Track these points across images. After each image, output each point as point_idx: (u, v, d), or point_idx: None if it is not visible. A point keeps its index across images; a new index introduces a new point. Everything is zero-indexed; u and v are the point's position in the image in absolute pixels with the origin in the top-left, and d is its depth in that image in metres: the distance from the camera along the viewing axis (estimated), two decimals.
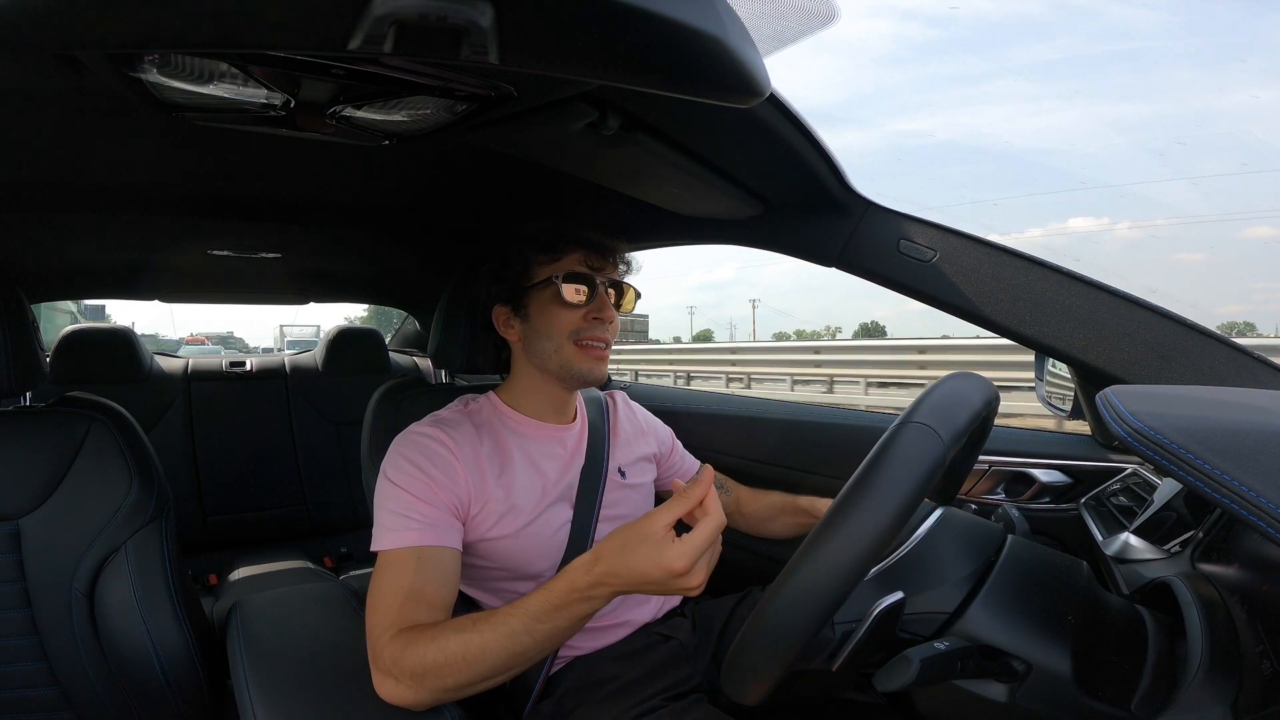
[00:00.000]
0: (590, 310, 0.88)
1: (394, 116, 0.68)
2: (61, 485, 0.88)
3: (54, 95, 0.67)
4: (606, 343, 0.90)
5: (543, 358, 0.90)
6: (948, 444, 0.49)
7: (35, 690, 0.88)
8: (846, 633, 0.53)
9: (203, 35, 0.40)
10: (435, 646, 0.65)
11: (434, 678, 0.65)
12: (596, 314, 0.88)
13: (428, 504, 0.77)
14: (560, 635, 0.66)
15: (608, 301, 0.90)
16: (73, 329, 1.97)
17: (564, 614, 0.64)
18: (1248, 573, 0.55)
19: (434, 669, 0.65)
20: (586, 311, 0.88)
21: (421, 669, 0.65)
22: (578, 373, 0.89)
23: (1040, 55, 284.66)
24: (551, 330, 0.88)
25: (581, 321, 0.88)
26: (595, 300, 0.88)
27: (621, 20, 0.40)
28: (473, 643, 0.65)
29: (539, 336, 0.89)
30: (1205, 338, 0.77)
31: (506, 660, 0.65)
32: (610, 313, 0.90)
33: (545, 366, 0.90)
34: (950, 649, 0.50)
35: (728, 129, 0.77)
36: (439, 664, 0.64)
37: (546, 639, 0.65)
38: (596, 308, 0.88)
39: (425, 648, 0.65)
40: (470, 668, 0.65)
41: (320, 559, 2.06)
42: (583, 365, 0.88)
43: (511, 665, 0.66)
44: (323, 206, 1.26)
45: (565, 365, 0.88)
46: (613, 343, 0.92)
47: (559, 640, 0.67)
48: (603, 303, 0.89)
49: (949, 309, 0.90)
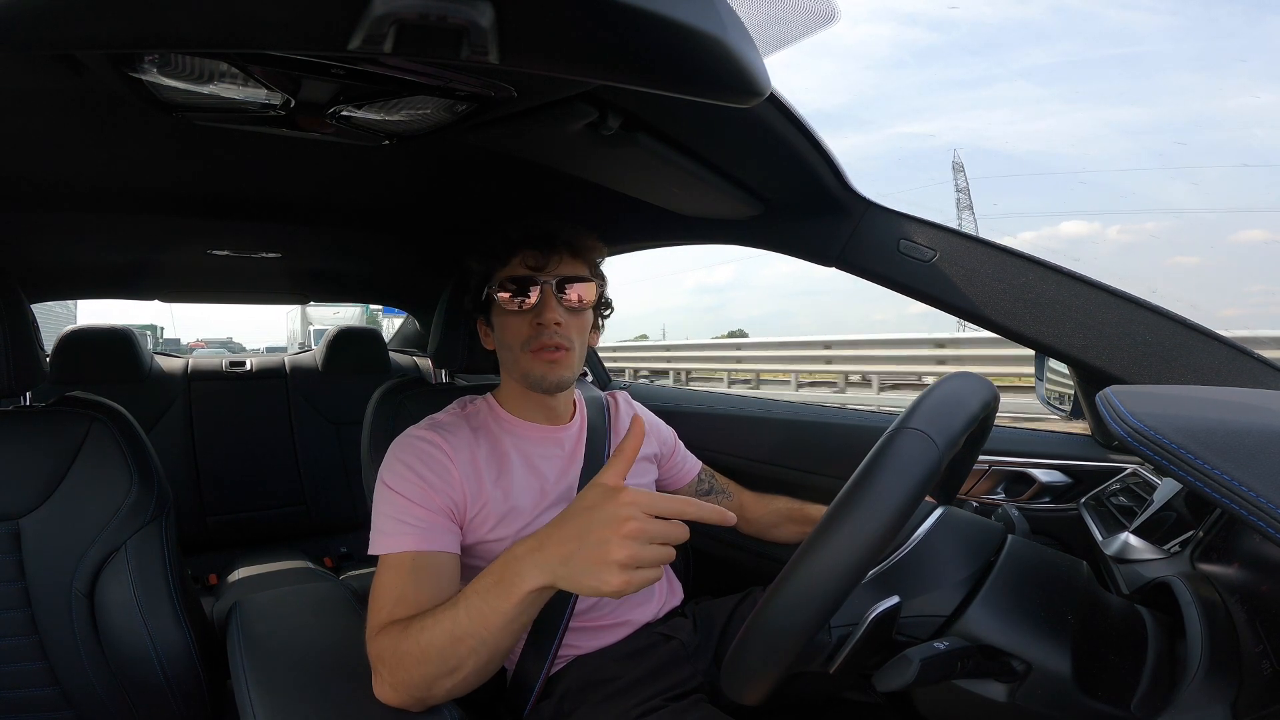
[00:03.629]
0: (533, 316, 0.85)
1: (394, 116, 0.68)
2: (62, 485, 0.88)
3: (54, 95, 0.67)
4: (559, 346, 0.85)
5: (509, 367, 0.90)
6: (942, 450, 0.49)
7: (35, 690, 0.88)
8: (843, 636, 0.53)
9: (203, 35, 0.40)
10: (405, 636, 0.65)
11: (405, 669, 0.64)
12: (538, 319, 0.85)
13: (424, 508, 0.77)
14: (499, 617, 0.61)
15: (551, 303, 0.85)
16: (73, 329, 1.97)
17: (500, 590, 0.60)
18: (1248, 573, 0.55)
19: (405, 658, 0.64)
20: (533, 317, 0.85)
21: (396, 661, 0.64)
22: (536, 379, 0.87)
23: (1039, 59, 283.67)
24: (506, 340, 0.87)
25: (529, 329, 0.85)
26: (537, 304, 0.85)
27: (621, 20, 0.40)
28: (426, 625, 0.64)
29: (502, 347, 0.90)
30: (1205, 338, 0.77)
31: (450, 643, 0.62)
32: (551, 314, 0.85)
33: (512, 375, 0.90)
34: (950, 649, 0.50)
35: (728, 129, 0.77)
36: (408, 652, 0.64)
37: (484, 619, 0.61)
38: (536, 312, 0.85)
39: (399, 640, 0.65)
40: (426, 654, 0.63)
41: (320, 559, 2.06)
42: (537, 371, 0.86)
43: (461, 651, 0.62)
44: (323, 206, 1.26)
45: (525, 374, 0.87)
46: (577, 341, 0.88)
47: (500, 624, 0.61)
48: (544, 305, 0.85)
49: (949, 309, 0.90)
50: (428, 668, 0.63)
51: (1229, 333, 0.77)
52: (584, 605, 0.90)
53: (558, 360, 0.86)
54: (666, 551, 0.57)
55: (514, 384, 0.92)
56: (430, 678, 0.63)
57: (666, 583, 1.05)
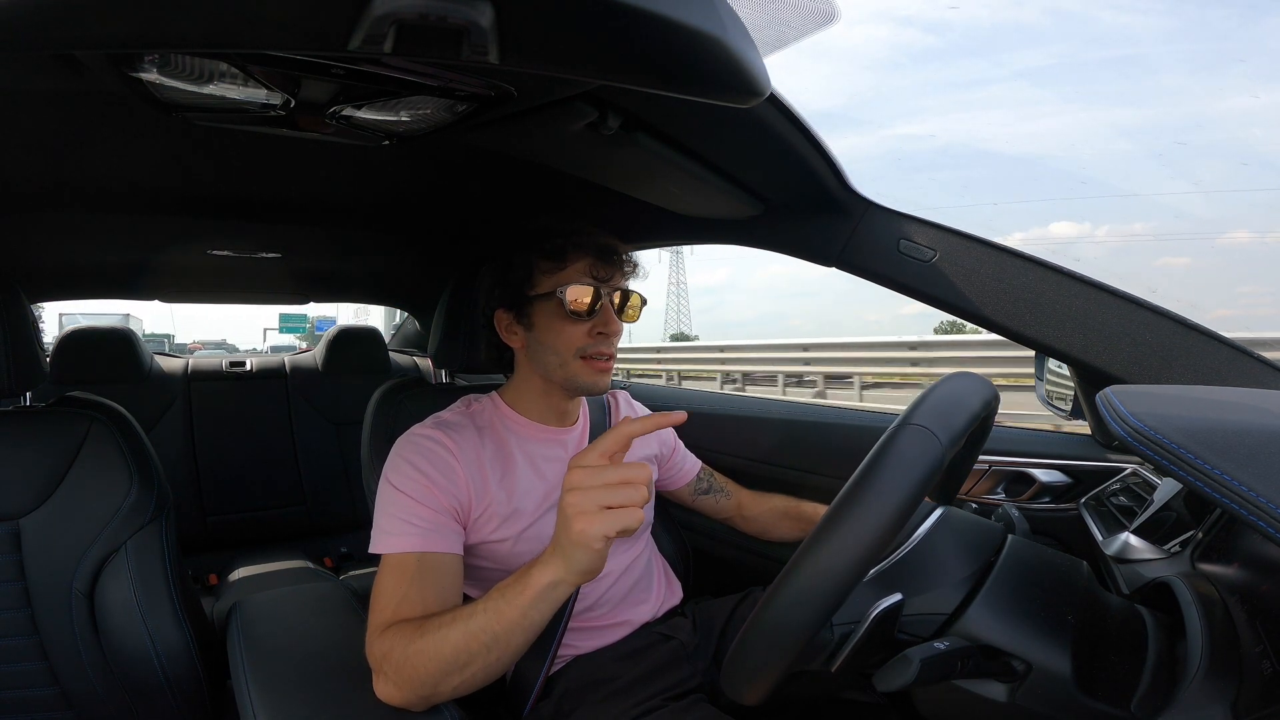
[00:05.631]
0: (596, 325, 0.85)
1: (394, 116, 0.68)
2: (61, 485, 0.88)
3: (54, 95, 0.67)
4: (611, 355, 0.87)
5: (547, 369, 0.88)
6: (946, 446, 0.49)
7: (35, 690, 0.88)
8: (845, 634, 0.53)
9: (203, 35, 0.40)
10: (419, 634, 0.65)
11: (413, 666, 0.64)
12: (602, 329, 0.85)
13: (428, 508, 0.77)
14: (514, 611, 0.63)
15: (614, 315, 0.86)
16: (73, 329, 1.97)
17: (517, 586, 0.63)
18: (1248, 573, 0.55)
19: (416, 655, 0.64)
20: (592, 326, 0.85)
21: (404, 659, 0.64)
22: (583, 386, 0.87)
23: (1035, 61, 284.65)
24: (557, 345, 0.85)
25: (587, 338, 0.85)
26: (600, 314, 0.85)
27: (621, 20, 0.40)
28: (443, 623, 0.65)
29: (544, 349, 0.87)
30: (1205, 338, 0.77)
31: (464, 638, 0.63)
32: (616, 326, 0.86)
33: (550, 377, 0.88)
34: (950, 649, 0.50)
35: (728, 129, 0.77)
36: (420, 650, 0.64)
37: (500, 614, 0.63)
38: (602, 322, 0.85)
39: (410, 639, 0.65)
40: (440, 650, 0.63)
41: (320, 559, 2.06)
42: (588, 379, 0.86)
43: (473, 647, 0.63)
44: (323, 206, 1.26)
45: (570, 379, 0.87)
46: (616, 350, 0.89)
47: (515, 617, 0.63)
48: (608, 317, 0.85)
49: (949, 309, 0.90)
50: (438, 664, 0.64)
51: (1229, 333, 0.77)
52: (583, 605, 0.90)
53: (608, 370, 0.87)
54: (631, 493, 0.59)
55: (536, 383, 0.90)
56: (439, 674, 0.64)
57: (666, 583, 1.05)
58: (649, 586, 1.00)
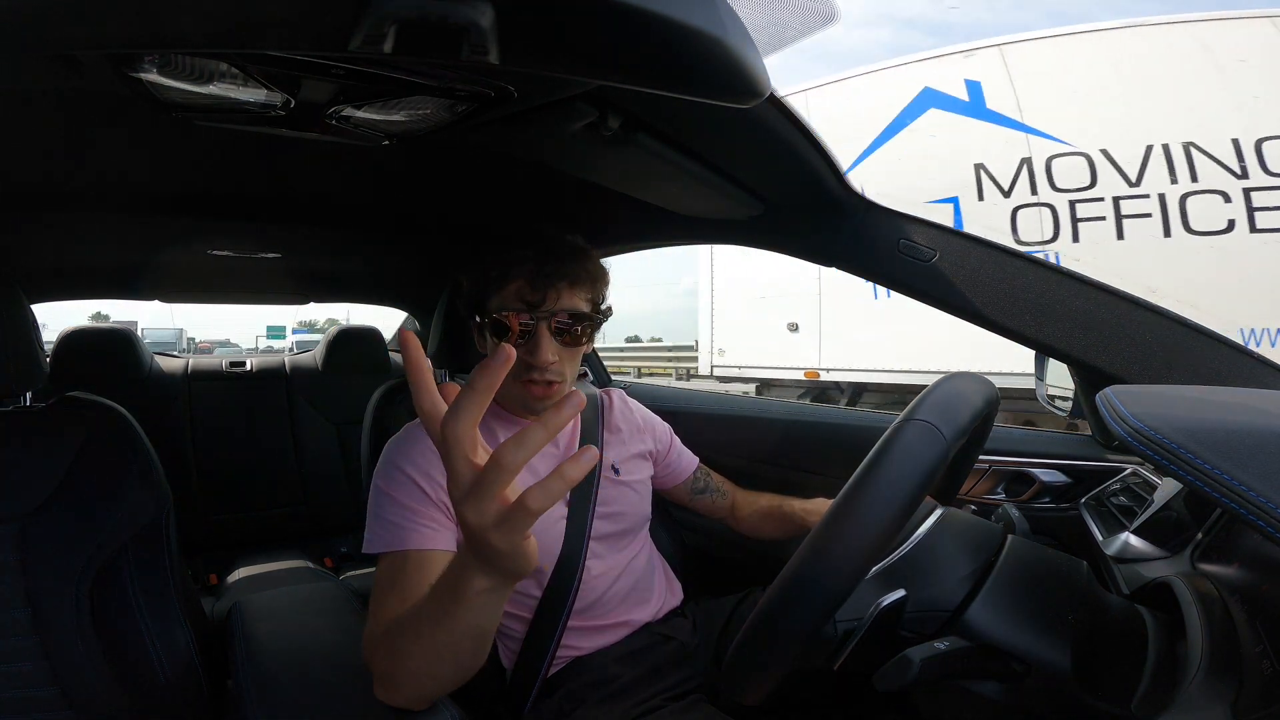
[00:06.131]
0: (524, 354, 0.82)
1: (394, 116, 0.68)
2: (62, 486, 0.88)
3: (54, 95, 0.67)
4: (550, 383, 0.84)
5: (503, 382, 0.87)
6: (950, 441, 0.49)
7: (35, 690, 0.88)
8: (848, 631, 0.53)
9: (203, 35, 0.40)
10: (399, 634, 0.63)
11: (398, 666, 0.63)
12: (530, 359, 0.82)
13: (420, 507, 0.77)
14: (456, 606, 0.56)
15: (545, 344, 0.82)
16: (73, 329, 1.97)
17: (458, 577, 0.55)
18: (1248, 573, 0.55)
19: (397, 655, 0.63)
20: (523, 354, 0.82)
21: (390, 659, 0.64)
22: (526, 405, 0.87)
23: None
24: None
25: (521, 363, 0.82)
26: (529, 342, 0.82)
27: (621, 20, 0.40)
28: (411, 621, 0.62)
29: None
30: (1205, 338, 0.77)
31: (419, 628, 0.59)
32: (542, 358, 0.81)
33: (506, 388, 0.86)
34: (950, 649, 0.50)
35: (728, 129, 0.77)
36: (400, 649, 0.63)
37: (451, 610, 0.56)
38: (527, 351, 0.82)
39: (394, 639, 0.64)
40: (402, 642, 0.61)
41: (320, 559, 2.06)
42: (530, 402, 0.86)
43: (433, 639, 0.59)
44: (323, 206, 1.26)
45: (514, 397, 0.87)
46: (569, 371, 0.86)
47: (459, 607, 0.56)
48: (535, 346, 0.82)
49: (949, 309, 0.90)
50: (421, 663, 0.62)
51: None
52: (583, 605, 0.90)
53: (548, 395, 0.85)
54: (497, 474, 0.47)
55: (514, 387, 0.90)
56: (425, 673, 0.62)
57: (666, 583, 1.05)
58: (649, 587, 1.00)
